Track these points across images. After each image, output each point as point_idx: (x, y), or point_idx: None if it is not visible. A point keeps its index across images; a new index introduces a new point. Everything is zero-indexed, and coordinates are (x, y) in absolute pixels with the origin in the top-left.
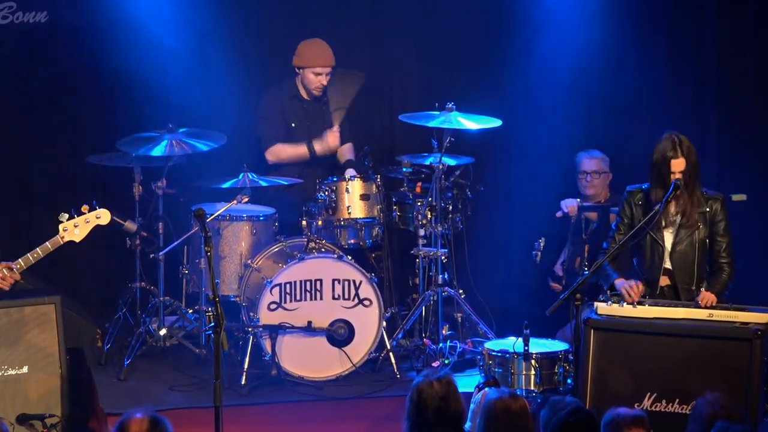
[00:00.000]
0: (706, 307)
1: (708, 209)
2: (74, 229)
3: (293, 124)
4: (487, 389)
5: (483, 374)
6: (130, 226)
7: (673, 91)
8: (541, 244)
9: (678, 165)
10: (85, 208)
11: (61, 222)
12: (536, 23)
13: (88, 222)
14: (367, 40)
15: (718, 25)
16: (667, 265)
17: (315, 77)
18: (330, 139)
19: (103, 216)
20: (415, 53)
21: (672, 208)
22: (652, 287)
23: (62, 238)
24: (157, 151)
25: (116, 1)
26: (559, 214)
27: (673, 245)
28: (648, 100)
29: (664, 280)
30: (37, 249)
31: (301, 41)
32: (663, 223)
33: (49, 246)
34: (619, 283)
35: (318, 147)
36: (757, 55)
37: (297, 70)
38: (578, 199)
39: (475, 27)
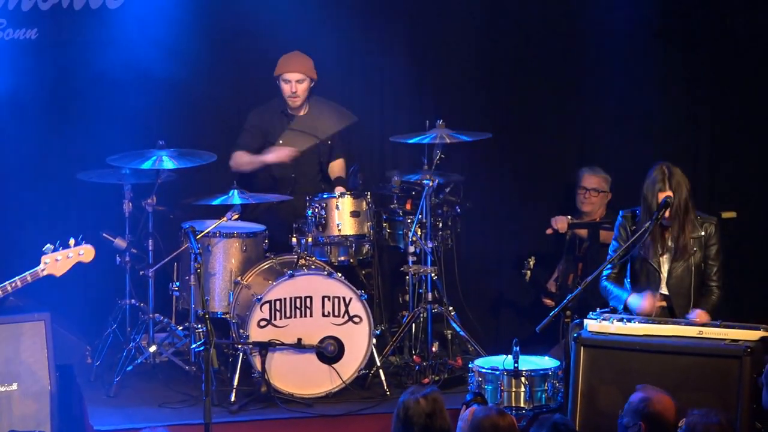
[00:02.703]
0: (696, 325)
1: (703, 233)
2: (56, 262)
3: (280, 141)
4: (474, 406)
5: (471, 390)
6: (120, 242)
7: (666, 107)
8: (531, 263)
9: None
10: (71, 242)
11: (45, 253)
12: (526, 40)
13: (70, 257)
14: (357, 57)
15: (711, 41)
16: (664, 290)
17: (285, 85)
18: (276, 154)
19: (86, 253)
20: (405, 70)
21: (667, 235)
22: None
23: (42, 270)
24: (148, 164)
25: (106, 19)
26: (549, 230)
27: (669, 272)
28: (640, 116)
29: (660, 304)
30: (16, 279)
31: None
32: (660, 251)
33: (29, 278)
34: (633, 300)
35: (268, 158)
36: (748, 71)
37: (277, 82)
38: (569, 216)
39: (466, 44)
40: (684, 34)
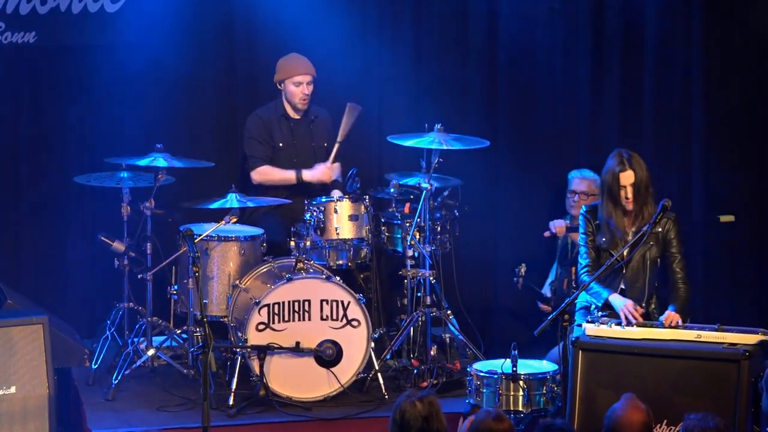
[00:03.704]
0: (670, 327)
1: (660, 229)
2: None
3: (280, 144)
4: (473, 416)
5: (468, 402)
6: (118, 246)
7: (661, 112)
8: (522, 270)
9: (627, 178)
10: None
11: None
12: (523, 45)
13: None
14: (356, 60)
15: (705, 45)
16: (621, 285)
17: (296, 88)
18: (321, 174)
19: None
20: (403, 74)
21: (627, 223)
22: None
23: None
24: (145, 162)
25: (104, 22)
26: (547, 234)
27: (627, 264)
28: (634, 121)
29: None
30: None
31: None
32: (620, 243)
33: None
34: (616, 300)
35: (307, 176)
36: (743, 74)
37: (279, 87)
38: (567, 221)
39: (464, 48)
40: (666, 36)
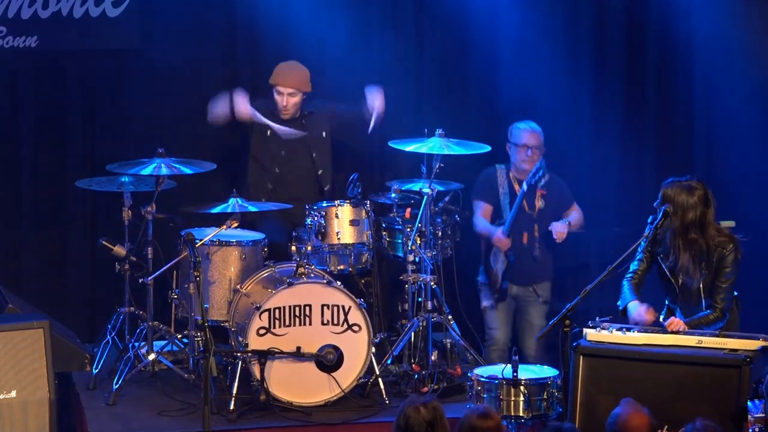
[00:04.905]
0: (673, 332)
1: (715, 257)
2: None
3: (268, 132)
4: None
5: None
6: (120, 250)
7: (664, 117)
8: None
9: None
10: None
11: None
12: (524, 49)
13: None
14: (357, 65)
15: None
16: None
17: (278, 96)
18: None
19: None
20: (405, 78)
21: (685, 256)
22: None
23: None
24: (147, 170)
25: (106, 27)
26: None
27: (681, 288)
28: (639, 125)
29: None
30: None
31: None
32: (678, 263)
33: None
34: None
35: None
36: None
37: (272, 90)
38: (568, 221)
39: (466, 52)
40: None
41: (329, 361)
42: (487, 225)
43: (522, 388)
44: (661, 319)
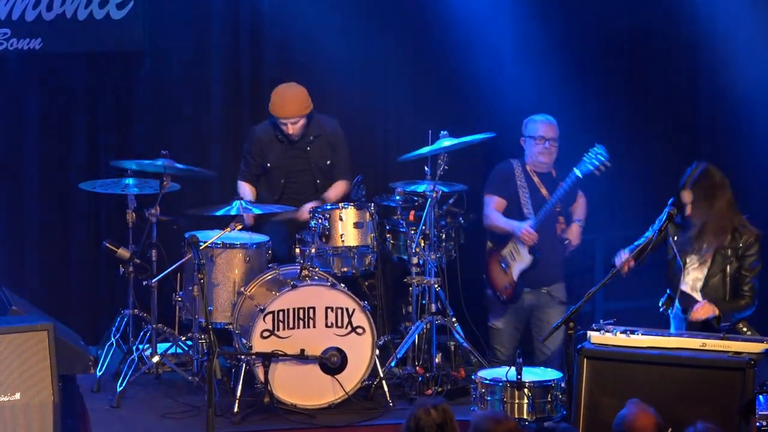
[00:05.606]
0: (698, 320)
1: (741, 244)
2: None
3: (268, 165)
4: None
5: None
6: (124, 253)
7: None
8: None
9: (685, 197)
10: None
11: None
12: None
13: None
14: (360, 68)
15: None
16: (698, 297)
17: (282, 126)
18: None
19: None
20: (408, 80)
21: (704, 240)
22: (672, 300)
23: None
24: (151, 167)
25: (110, 29)
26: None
27: (706, 278)
28: (644, 125)
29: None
30: None
31: (281, 83)
32: (693, 247)
33: None
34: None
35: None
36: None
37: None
38: (578, 222)
39: (470, 54)
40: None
41: (333, 363)
42: (506, 219)
43: (526, 390)
44: (660, 304)
